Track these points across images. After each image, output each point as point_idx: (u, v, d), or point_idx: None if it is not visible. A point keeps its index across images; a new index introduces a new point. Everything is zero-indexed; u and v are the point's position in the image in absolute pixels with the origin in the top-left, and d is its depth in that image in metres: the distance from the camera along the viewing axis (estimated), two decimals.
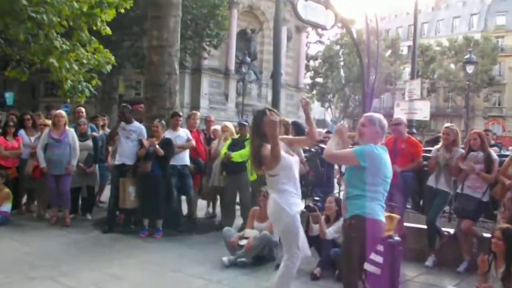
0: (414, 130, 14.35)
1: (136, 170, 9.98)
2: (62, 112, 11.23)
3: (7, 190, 10.44)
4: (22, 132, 11.51)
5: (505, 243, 5.71)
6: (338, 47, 63.02)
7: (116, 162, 10.28)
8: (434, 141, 11.96)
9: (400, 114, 13.71)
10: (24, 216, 11.23)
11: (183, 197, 10.96)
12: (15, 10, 12.81)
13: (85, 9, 13.86)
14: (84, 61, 14.22)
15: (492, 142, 13.25)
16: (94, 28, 14.32)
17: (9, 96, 28.34)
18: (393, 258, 6.65)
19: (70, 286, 6.31)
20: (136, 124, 10.33)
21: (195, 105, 34.30)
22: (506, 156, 8.31)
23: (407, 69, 54.05)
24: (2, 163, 11.01)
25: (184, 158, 10.37)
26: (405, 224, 8.54)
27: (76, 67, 14.05)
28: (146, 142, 9.80)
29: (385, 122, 5.31)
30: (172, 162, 10.02)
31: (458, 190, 8.14)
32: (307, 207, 8.04)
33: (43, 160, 10.48)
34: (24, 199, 11.87)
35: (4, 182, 10.46)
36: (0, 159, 11.04)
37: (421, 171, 8.73)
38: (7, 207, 10.38)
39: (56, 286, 5.53)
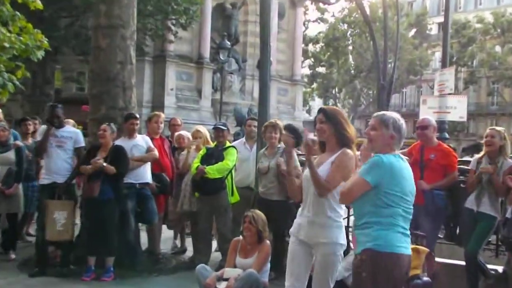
0: (447, 135, 14.40)
1: (68, 188, 9.89)
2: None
3: None
4: None
5: None
6: (345, 26, 63.09)
7: (45, 181, 10.19)
8: (474, 149, 12.00)
9: (427, 113, 13.76)
10: None
11: (143, 226, 10.93)
12: None
13: None
14: (6, 44, 14.17)
15: None
16: (20, 0, 14.31)
17: None
18: None
19: None
20: (69, 128, 10.36)
21: (158, 104, 34.22)
22: None
23: (438, 54, 54.28)
24: None
25: (144, 175, 10.31)
26: (437, 259, 8.53)
27: None
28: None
29: (402, 122, 5.30)
30: (128, 179, 9.98)
31: (508, 215, 8.07)
32: None
33: None
34: None
35: None
36: None
37: (457, 189, 8.74)
38: None
39: None
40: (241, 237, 8.40)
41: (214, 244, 10.55)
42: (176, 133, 11.86)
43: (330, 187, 5.80)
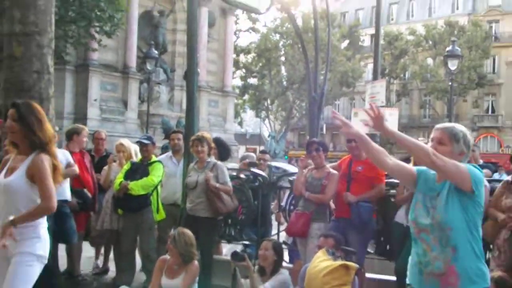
0: None
1: None
2: None
3: None
4: None
5: None
6: (277, 36, 63.47)
7: None
8: (406, 161, 12.13)
9: (358, 126, 13.82)
10: None
11: (62, 246, 10.74)
12: None
13: None
14: None
15: (481, 162, 13.49)
16: None
17: None
18: None
19: None
20: None
21: (80, 116, 33.93)
22: (500, 181, 8.40)
23: (370, 65, 54.97)
24: None
25: (63, 192, 10.01)
26: (367, 275, 8.58)
27: None
28: None
29: (470, 137, 4.87)
30: None
31: None
32: (233, 254, 7.98)
33: None
34: None
35: None
36: None
37: (386, 203, 8.80)
38: None
39: None
40: (167, 255, 8.33)
41: (139, 263, 10.40)
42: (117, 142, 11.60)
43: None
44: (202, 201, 9.63)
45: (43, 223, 5.74)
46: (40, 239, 5.65)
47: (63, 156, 10.15)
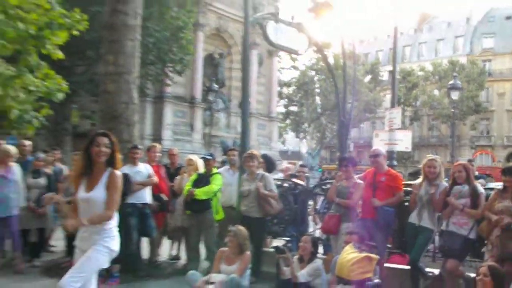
0: (395, 162, 14.46)
1: None
2: (10, 147, 11.02)
3: None
4: None
5: (492, 280, 5.64)
6: (313, 72, 63.42)
7: None
8: (418, 174, 12.09)
9: (379, 145, 13.78)
10: None
11: (144, 238, 10.85)
12: None
13: (32, 31, 13.83)
14: (33, 88, 14.11)
15: (477, 173, 13.37)
16: (44, 52, 14.28)
17: None
18: None
19: None
20: None
21: (157, 137, 34.14)
22: (492, 189, 8.35)
23: (388, 96, 54.49)
24: None
25: (145, 196, 10.23)
26: (386, 264, 8.55)
27: (23, 95, 13.95)
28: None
29: None
30: (132, 200, 9.86)
31: (443, 227, 8.13)
32: (276, 248, 8.04)
33: None
34: None
35: None
36: None
37: (402, 207, 8.78)
38: None
39: None
40: (225, 248, 8.40)
41: (203, 253, 10.46)
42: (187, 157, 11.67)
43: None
44: (254, 205, 9.73)
45: (115, 226, 5.72)
46: (114, 237, 5.65)
47: (145, 168, 10.31)
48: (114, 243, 5.64)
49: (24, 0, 13.76)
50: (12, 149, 10.95)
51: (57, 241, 11.78)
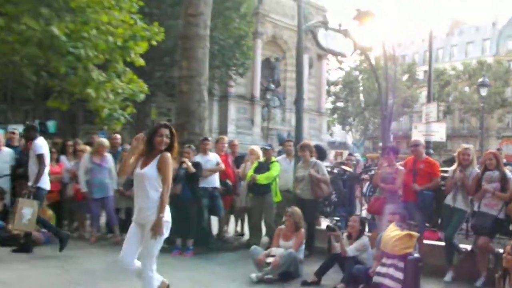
0: (432, 151, 14.26)
1: (36, 192, 9.25)
2: (105, 140, 11.25)
3: (50, 212, 10.58)
4: (63, 158, 11.65)
5: None
6: (357, 73, 62.92)
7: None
8: (451, 161, 11.90)
9: (418, 136, 13.65)
10: None
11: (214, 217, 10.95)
12: (55, 45, 13.12)
13: (119, 43, 14.13)
14: (120, 90, 14.46)
15: (505, 161, 13.11)
16: (128, 60, 14.57)
17: (51, 125, 28.87)
18: (413, 274, 6.63)
19: None
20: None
21: (223, 130, 34.42)
22: None
23: (424, 92, 53.76)
24: None
25: (214, 181, 10.35)
26: (425, 241, 8.45)
27: (112, 97, 14.28)
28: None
29: None
30: (203, 184, 10.03)
31: (475, 208, 8.01)
32: (327, 226, 8.02)
33: (84, 185, 10.61)
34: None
35: (48, 204, 10.60)
36: None
37: (439, 190, 8.65)
38: None
39: None
40: (283, 226, 8.41)
41: (264, 230, 10.50)
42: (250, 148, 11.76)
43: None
44: (307, 189, 9.71)
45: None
46: (167, 210, 5.64)
47: (214, 157, 10.41)
48: (167, 215, 5.65)
49: (112, 17, 14.06)
50: (106, 141, 11.19)
51: None
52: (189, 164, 9.62)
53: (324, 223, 10.57)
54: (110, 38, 13.87)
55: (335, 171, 10.88)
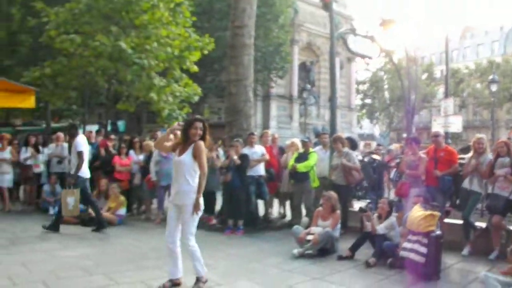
0: (450, 141, 13.99)
1: (76, 180, 9.27)
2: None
3: (122, 198, 10.78)
4: (132, 152, 11.85)
5: None
6: (382, 73, 62.06)
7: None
8: (466, 149, 11.68)
9: (437, 127, 13.42)
10: (135, 218, 11.53)
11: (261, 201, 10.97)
12: (123, 57, 13.36)
13: (176, 53, 14.33)
14: (177, 93, 14.68)
15: None
16: (184, 67, 14.77)
17: (121, 124, 29.46)
18: (435, 249, 6.52)
19: None
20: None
21: (265, 126, 34.42)
22: None
23: (441, 89, 52.88)
24: (118, 176, 11.41)
25: (260, 170, 10.37)
26: (445, 220, 8.29)
27: (171, 99, 14.52)
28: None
29: None
30: (250, 173, 10.07)
31: (489, 191, 7.94)
32: (360, 208, 7.95)
33: (154, 174, 10.78)
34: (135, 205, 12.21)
35: (119, 191, 10.81)
36: (116, 173, 11.43)
37: (457, 175, 8.50)
38: (122, 211, 10.73)
39: (163, 274, 5.64)
40: (321, 208, 8.36)
41: (304, 212, 10.47)
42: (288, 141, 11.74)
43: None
44: (341, 176, 9.64)
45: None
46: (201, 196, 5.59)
47: (260, 149, 10.43)
48: (202, 200, 5.60)
49: (170, 31, 14.29)
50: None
51: None
52: (235, 157, 9.68)
53: (356, 205, 10.48)
54: (168, 49, 14.09)
55: (366, 159, 10.75)
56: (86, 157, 9.56)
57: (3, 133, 13.16)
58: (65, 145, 12.39)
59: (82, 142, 9.41)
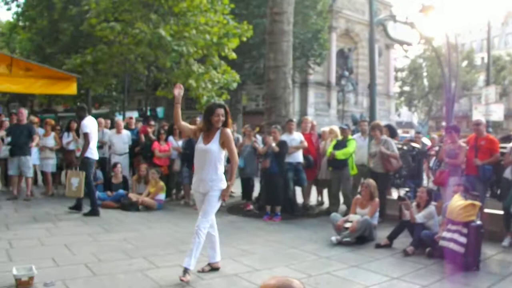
0: (490, 129, 13.69)
1: (82, 162, 9.35)
2: None
3: (162, 183, 10.94)
4: (171, 138, 11.98)
5: None
6: (421, 60, 60.90)
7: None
8: (507, 138, 11.41)
9: (478, 116, 13.16)
10: (174, 203, 11.70)
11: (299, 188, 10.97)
12: (162, 44, 13.50)
13: (215, 40, 14.39)
14: (216, 80, 14.75)
15: None
16: (223, 54, 14.83)
17: (160, 111, 29.83)
18: (475, 239, 6.41)
19: None
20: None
21: (303, 113, 34.26)
22: None
23: (481, 77, 51.70)
24: (157, 162, 11.58)
25: (298, 156, 10.35)
26: (486, 210, 8.14)
27: (209, 86, 14.61)
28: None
29: None
30: (289, 160, 10.06)
31: None
32: (398, 197, 7.87)
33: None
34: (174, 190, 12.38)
35: (159, 177, 10.97)
36: (156, 159, 11.60)
37: (498, 165, 8.32)
38: (162, 196, 10.89)
39: (200, 257, 5.72)
40: (359, 195, 8.32)
41: (342, 199, 10.43)
42: (322, 129, 11.78)
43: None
44: (379, 163, 9.57)
45: (223, 170, 5.60)
46: (223, 180, 5.51)
47: (298, 136, 10.42)
48: (223, 183, 5.53)
49: (209, 19, 14.35)
50: None
51: (236, 189, 12.15)
52: (273, 144, 9.70)
53: (395, 193, 10.39)
54: (207, 36, 14.17)
55: (405, 147, 10.62)
56: (94, 139, 9.58)
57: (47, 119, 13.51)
58: (106, 130, 12.65)
59: (88, 124, 9.41)
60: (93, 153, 9.52)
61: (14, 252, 6.42)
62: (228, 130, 5.49)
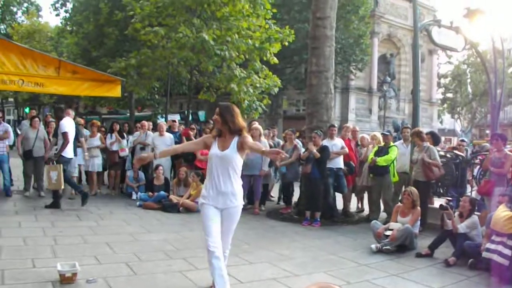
0: None
1: (59, 159, 9.75)
2: (258, 126, 11.25)
3: (202, 186, 10.97)
4: None
5: None
6: (465, 66, 59.59)
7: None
8: None
9: None
10: None
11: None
12: (205, 49, 13.64)
13: (257, 45, 14.45)
14: (257, 85, 14.82)
15: None
16: (265, 58, 14.87)
17: (201, 114, 30.16)
18: None
19: (249, 261, 6.53)
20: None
21: (344, 119, 34.04)
22: None
23: None
24: (199, 165, 11.66)
25: (339, 162, 10.29)
26: None
27: (251, 90, 14.68)
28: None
29: None
30: (329, 165, 10.01)
31: None
32: (440, 205, 7.68)
33: None
34: None
35: (200, 179, 11.04)
36: (198, 162, 11.69)
37: None
38: None
39: (239, 261, 5.70)
40: (400, 203, 8.19)
41: (382, 207, 10.29)
42: (360, 135, 11.64)
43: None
44: (421, 171, 9.37)
45: (241, 183, 4.99)
46: (241, 193, 4.90)
47: (339, 142, 10.38)
48: (241, 196, 4.95)
49: (251, 23, 14.44)
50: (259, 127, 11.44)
51: (275, 193, 12.11)
52: (314, 150, 9.65)
53: (437, 202, 10.18)
54: (249, 41, 14.25)
55: (448, 155, 10.39)
56: (71, 138, 10.00)
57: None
58: (149, 132, 12.83)
59: (66, 124, 9.91)
60: (67, 152, 9.94)
61: (58, 248, 6.59)
62: (247, 136, 4.89)
